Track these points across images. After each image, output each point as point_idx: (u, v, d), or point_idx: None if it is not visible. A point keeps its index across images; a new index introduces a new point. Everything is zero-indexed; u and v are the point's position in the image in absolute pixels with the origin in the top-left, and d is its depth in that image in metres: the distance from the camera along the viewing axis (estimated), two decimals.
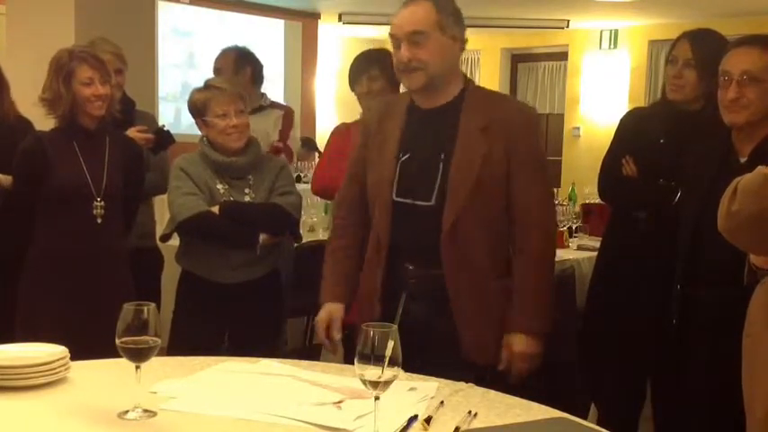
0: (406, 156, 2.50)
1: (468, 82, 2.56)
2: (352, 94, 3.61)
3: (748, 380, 1.96)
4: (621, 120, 3.21)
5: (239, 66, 4.46)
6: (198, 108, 3.14)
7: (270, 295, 3.23)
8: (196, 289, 3.19)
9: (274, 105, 4.67)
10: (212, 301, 3.13)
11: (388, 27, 2.52)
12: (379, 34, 10.19)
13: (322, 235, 4.67)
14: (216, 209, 3.06)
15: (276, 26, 9.69)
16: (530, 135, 2.52)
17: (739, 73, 2.37)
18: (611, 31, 9.80)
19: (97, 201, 3.08)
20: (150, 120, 3.94)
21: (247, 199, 3.12)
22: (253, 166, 3.16)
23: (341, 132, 3.68)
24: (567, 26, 9.52)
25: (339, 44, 10.47)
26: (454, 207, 2.43)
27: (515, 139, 2.46)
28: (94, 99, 3.05)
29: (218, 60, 4.55)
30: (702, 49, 2.86)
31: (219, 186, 3.11)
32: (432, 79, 2.48)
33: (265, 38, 9.46)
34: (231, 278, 3.12)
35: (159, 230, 3.91)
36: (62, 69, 3.05)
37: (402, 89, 2.75)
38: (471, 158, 2.44)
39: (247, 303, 3.14)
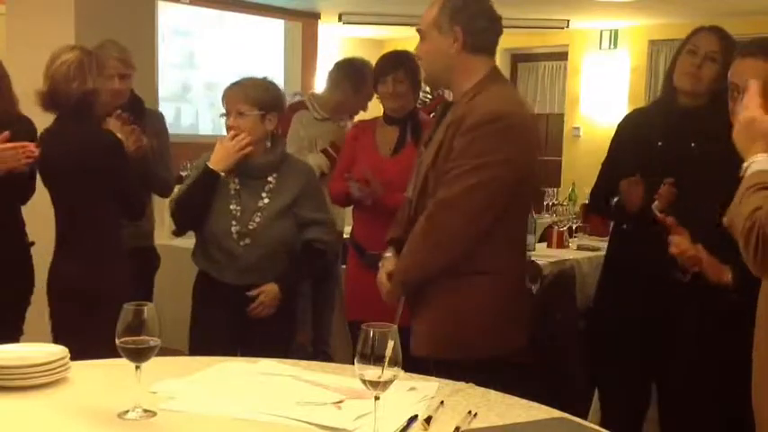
0: None
1: (479, 83, 2.45)
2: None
3: (759, 394, 1.91)
4: (619, 125, 3.16)
5: (361, 80, 4.16)
6: None
7: (284, 299, 3.07)
8: (210, 290, 3.09)
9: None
10: (226, 303, 3.03)
11: (388, 27, 2.56)
12: (379, 34, 10.18)
13: None
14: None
15: (276, 26, 9.67)
16: (470, 133, 2.37)
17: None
18: (611, 31, 9.79)
19: None
20: (159, 118, 3.91)
21: (264, 202, 3.02)
22: (274, 167, 3.05)
23: (351, 129, 3.67)
24: (567, 26, 9.50)
25: (339, 44, 10.46)
26: (414, 201, 2.53)
27: (459, 135, 2.39)
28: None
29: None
30: (729, 48, 2.76)
31: (231, 185, 3.03)
32: (430, 76, 2.58)
33: (265, 38, 9.45)
34: (240, 280, 3.02)
35: (157, 231, 3.91)
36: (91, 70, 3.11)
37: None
38: (429, 158, 2.48)
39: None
